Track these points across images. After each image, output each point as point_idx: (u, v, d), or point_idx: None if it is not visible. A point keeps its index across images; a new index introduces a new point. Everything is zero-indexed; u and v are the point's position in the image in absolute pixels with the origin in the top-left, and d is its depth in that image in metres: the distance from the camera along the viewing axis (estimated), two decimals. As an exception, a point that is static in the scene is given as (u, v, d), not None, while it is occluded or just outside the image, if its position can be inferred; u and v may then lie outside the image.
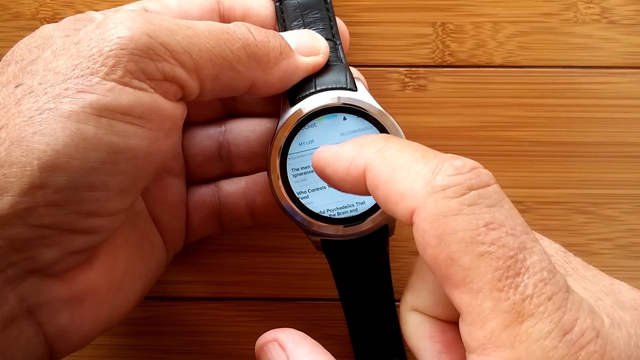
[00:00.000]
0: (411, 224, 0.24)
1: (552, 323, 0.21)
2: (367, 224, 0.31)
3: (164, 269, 0.34)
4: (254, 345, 0.37)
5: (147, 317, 0.38)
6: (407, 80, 0.37)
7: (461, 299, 0.22)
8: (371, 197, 0.30)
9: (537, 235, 0.27)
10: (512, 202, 0.37)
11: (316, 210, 0.31)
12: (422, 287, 0.27)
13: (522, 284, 0.21)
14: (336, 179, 0.27)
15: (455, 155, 0.24)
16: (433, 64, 0.37)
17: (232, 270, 0.38)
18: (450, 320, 0.27)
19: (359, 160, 0.26)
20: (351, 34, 0.36)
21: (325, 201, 0.31)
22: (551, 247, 0.26)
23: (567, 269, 0.25)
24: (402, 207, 0.23)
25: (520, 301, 0.21)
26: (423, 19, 0.37)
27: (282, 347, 0.26)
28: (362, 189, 0.26)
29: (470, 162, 0.23)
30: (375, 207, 0.31)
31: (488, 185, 0.23)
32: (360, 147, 0.26)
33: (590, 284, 0.25)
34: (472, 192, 0.23)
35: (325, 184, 0.31)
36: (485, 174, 0.23)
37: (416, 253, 0.37)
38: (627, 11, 0.37)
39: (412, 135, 0.32)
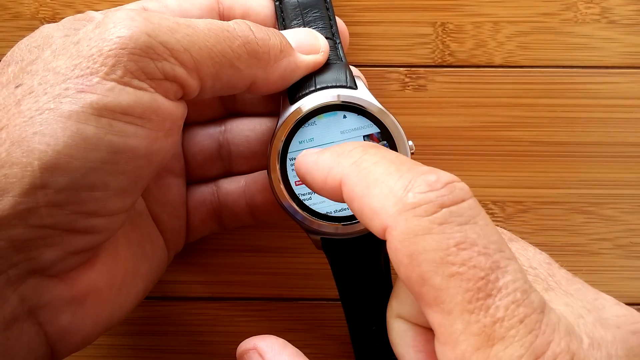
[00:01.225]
0: (385, 240, 0.23)
1: (523, 347, 0.20)
2: None
3: (165, 269, 0.34)
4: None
5: (147, 317, 0.38)
6: (407, 80, 0.37)
7: (434, 318, 0.22)
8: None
9: (520, 245, 0.27)
10: (512, 202, 0.37)
11: (316, 209, 0.31)
12: (407, 296, 0.26)
13: (494, 306, 0.21)
14: (315, 187, 0.27)
15: (431, 169, 0.23)
16: (433, 64, 0.37)
17: (232, 270, 0.38)
18: None
19: (335, 172, 0.25)
20: (351, 34, 0.36)
21: (325, 199, 0.31)
22: (535, 259, 0.26)
23: (550, 282, 0.25)
24: (376, 224, 0.23)
25: (491, 324, 0.21)
26: (423, 19, 0.37)
27: (261, 356, 0.26)
28: (340, 199, 0.26)
29: (444, 177, 0.23)
30: None
31: (462, 200, 0.22)
32: (337, 158, 0.26)
33: (573, 299, 0.24)
34: (444, 210, 0.22)
35: None
36: (460, 188, 0.23)
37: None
38: (627, 11, 0.37)
39: (412, 135, 0.32)
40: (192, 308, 0.38)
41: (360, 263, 0.32)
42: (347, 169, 0.25)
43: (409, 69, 0.38)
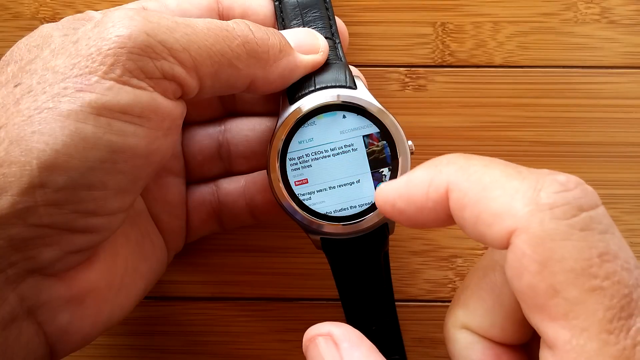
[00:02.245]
0: (505, 248, 0.21)
1: None
2: (367, 222, 0.31)
3: (165, 269, 0.34)
4: (254, 345, 0.38)
5: (147, 317, 0.38)
6: (407, 80, 0.37)
7: (557, 333, 0.20)
8: (372, 195, 0.30)
9: None
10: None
11: (316, 209, 0.31)
12: (479, 306, 0.24)
13: (635, 328, 0.19)
14: (412, 209, 0.24)
15: (553, 171, 0.22)
16: (433, 64, 0.37)
17: (232, 270, 0.38)
18: (505, 343, 0.25)
19: (438, 181, 0.23)
20: (351, 34, 0.36)
21: (325, 199, 0.31)
22: None
23: None
24: (497, 229, 0.21)
25: (632, 346, 0.19)
26: (423, 19, 0.37)
27: (335, 344, 0.24)
28: (444, 215, 0.23)
29: (574, 178, 0.21)
30: (375, 205, 0.31)
31: (597, 206, 0.21)
32: (437, 167, 0.24)
33: None
34: (584, 214, 0.20)
35: (324, 183, 0.31)
36: (592, 192, 0.21)
37: (416, 253, 0.37)
38: (627, 11, 0.37)
39: (412, 135, 0.32)
40: (192, 308, 0.38)
41: (360, 263, 0.32)
42: (453, 175, 0.23)
43: (409, 69, 0.38)
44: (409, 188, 0.24)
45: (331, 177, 0.31)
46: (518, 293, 0.21)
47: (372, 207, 0.31)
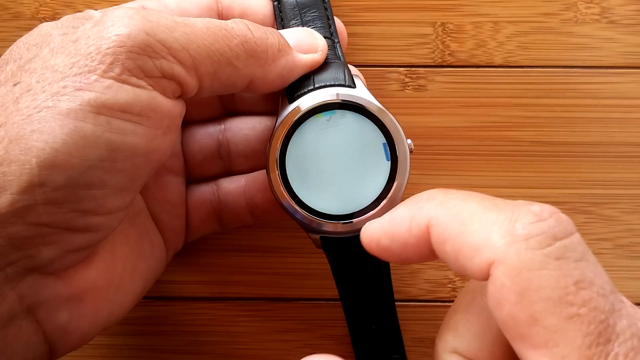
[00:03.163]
0: (485, 279, 0.22)
1: None
2: (367, 221, 0.31)
3: (164, 268, 0.34)
4: (254, 345, 0.38)
5: (147, 317, 0.38)
6: (407, 80, 0.37)
7: None
8: (371, 194, 0.30)
9: None
10: (512, 202, 0.37)
11: (316, 208, 0.31)
12: (467, 330, 0.25)
13: (613, 353, 0.20)
14: (396, 246, 0.25)
15: (528, 201, 0.22)
16: (433, 64, 0.37)
17: (232, 270, 0.38)
18: None
19: (419, 217, 0.24)
20: (351, 34, 0.36)
21: (324, 198, 0.31)
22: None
23: None
24: (477, 262, 0.22)
25: None
26: (423, 19, 0.37)
27: None
28: (427, 250, 0.24)
29: (548, 207, 0.22)
30: (374, 204, 0.31)
31: (571, 234, 0.21)
32: (418, 204, 0.24)
33: None
34: (558, 243, 0.21)
35: (324, 181, 0.31)
36: (566, 220, 0.21)
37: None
38: (627, 11, 0.37)
39: (412, 135, 0.32)
40: (192, 308, 0.38)
41: (359, 262, 0.32)
42: (433, 210, 0.24)
43: (409, 69, 0.38)
44: (392, 225, 0.25)
45: (331, 175, 0.31)
46: (500, 323, 0.22)
47: (372, 206, 0.31)
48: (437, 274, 0.37)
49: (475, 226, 0.22)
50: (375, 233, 0.26)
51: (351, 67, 0.33)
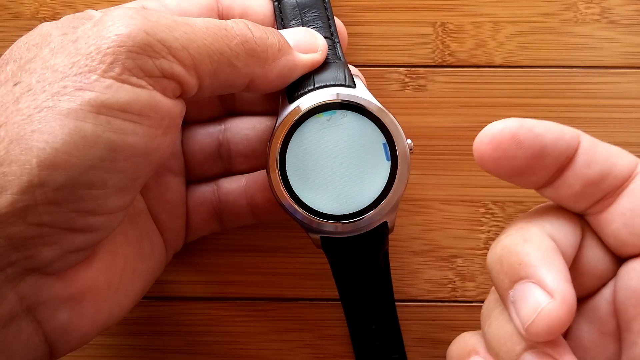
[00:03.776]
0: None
1: None
2: (367, 221, 0.31)
3: (163, 268, 0.34)
4: (254, 345, 0.38)
5: (147, 317, 0.38)
6: (407, 80, 0.37)
7: None
8: (371, 194, 0.30)
9: None
10: (512, 202, 0.37)
11: (316, 207, 0.31)
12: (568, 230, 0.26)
13: None
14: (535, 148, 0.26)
15: None
16: (433, 64, 0.37)
17: (232, 270, 0.38)
18: None
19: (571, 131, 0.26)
20: (351, 34, 0.36)
21: (324, 198, 0.31)
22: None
23: None
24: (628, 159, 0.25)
25: None
26: (423, 19, 0.37)
27: None
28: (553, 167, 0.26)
29: None
30: (375, 204, 0.31)
31: None
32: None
33: None
34: None
35: (324, 181, 0.31)
36: None
37: (416, 253, 0.37)
38: (627, 11, 0.37)
39: (412, 135, 0.32)
40: (192, 308, 0.38)
41: (359, 261, 0.32)
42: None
43: (409, 69, 0.38)
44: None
45: (331, 175, 0.31)
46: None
47: (372, 206, 0.31)
48: (437, 274, 0.37)
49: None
50: (515, 126, 0.26)
51: (351, 67, 0.33)
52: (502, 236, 0.26)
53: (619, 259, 0.26)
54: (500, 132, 0.26)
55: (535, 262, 0.24)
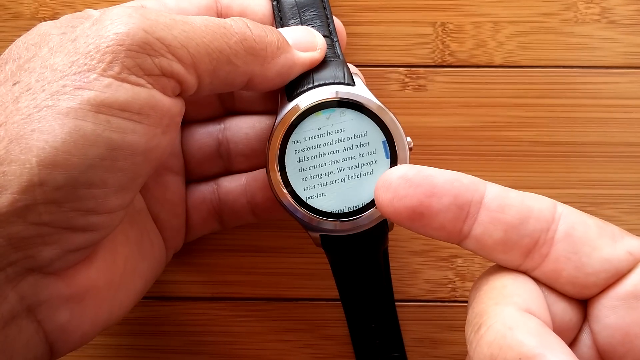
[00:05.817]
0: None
1: None
2: (366, 219, 0.31)
3: (163, 268, 0.34)
4: (254, 345, 0.38)
5: (147, 317, 0.38)
6: (407, 80, 0.38)
7: None
8: (371, 192, 0.30)
9: None
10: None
11: (315, 206, 0.31)
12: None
13: None
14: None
15: None
16: (433, 64, 0.38)
17: (232, 270, 0.38)
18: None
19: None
20: (351, 34, 0.36)
21: (324, 196, 0.31)
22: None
23: None
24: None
25: None
26: (423, 19, 0.38)
27: None
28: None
29: None
30: (374, 202, 0.31)
31: None
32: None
33: None
34: None
35: (324, 179, 0.31)
36: None
37: (416, 253, 0.37)
38: (627, 11, 0.37)
39: (412, 135, 0.32)
40: (192, 308, 0.38)
41: (359, 260, 0.32)
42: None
43: (409, 69, 0.38)
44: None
45: (330, 173, 0.31)
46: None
47: (372, 204, 0.31)
48: (437, 274, 0.37)
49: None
50: (404, 168, 0.27)
51: (350, 66, 0.33)
52: (480, 331, 0.24)
53: (582, 302, 0.26)
54: (389, 175, 0.26)
55: (536, 350, 0.22)
